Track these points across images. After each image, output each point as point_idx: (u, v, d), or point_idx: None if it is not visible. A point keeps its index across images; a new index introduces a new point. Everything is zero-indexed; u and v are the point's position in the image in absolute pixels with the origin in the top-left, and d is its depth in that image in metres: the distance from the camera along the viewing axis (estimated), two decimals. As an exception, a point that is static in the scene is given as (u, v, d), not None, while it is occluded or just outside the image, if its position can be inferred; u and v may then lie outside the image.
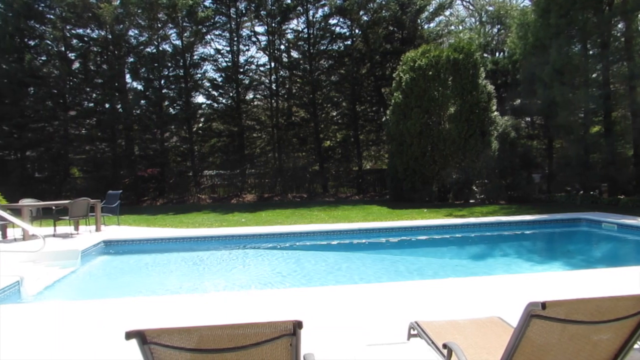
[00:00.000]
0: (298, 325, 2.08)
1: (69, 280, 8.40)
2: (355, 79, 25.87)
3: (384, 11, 25.47)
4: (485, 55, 26.78)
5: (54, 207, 12.53)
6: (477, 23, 31.66)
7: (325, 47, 26.57)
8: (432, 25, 27.12)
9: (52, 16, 24.90)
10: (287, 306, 5.45)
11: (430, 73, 18.46)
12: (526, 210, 14.93)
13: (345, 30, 26.70)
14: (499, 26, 29.29)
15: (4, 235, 11.56)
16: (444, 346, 2.62)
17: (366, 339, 4.19)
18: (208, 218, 16.25)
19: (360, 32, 26.37)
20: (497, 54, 28.00)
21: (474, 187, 19.30)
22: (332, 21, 26.50)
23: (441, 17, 28.06)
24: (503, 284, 6.27)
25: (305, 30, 26.42)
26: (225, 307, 5.49)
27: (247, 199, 24.24)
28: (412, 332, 3.26)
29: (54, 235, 11.55)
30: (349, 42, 26.50)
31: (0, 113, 23.33)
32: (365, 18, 26.07)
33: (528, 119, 24.76)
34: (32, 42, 25.14)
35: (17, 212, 11.08)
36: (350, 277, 8.38)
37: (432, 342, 2.96)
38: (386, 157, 24.70)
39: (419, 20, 25.86)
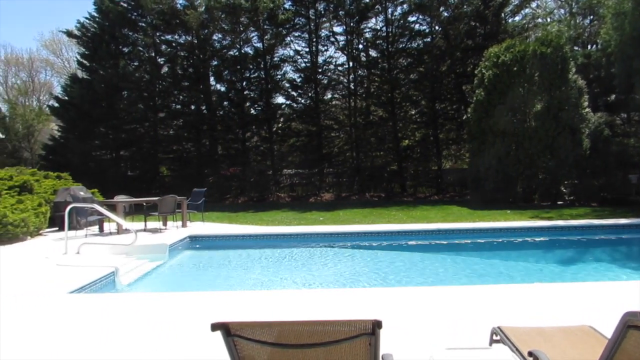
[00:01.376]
0: (377, 325, 2.07)
1: (157, 272, 8.89)
2: (435, 77, 25.30)
3: (465, 6, 24.71)
4: (575, 48, 25.23)
5: (144, 204, 13.31)
6: (567, 14, 29.89)
7: (404, 45, 26.22)
8: (517, 18, 25.97)
9: (143, 24, 26.45)
10: (364, 305, 5.45)
11: (515, 69, 17.69)
12: (621, 214, 13.91)
13: (424, 27, 26.21)
14: (591, 17, 27.50)
15: (101, 229, 12.44)
16: (530, 354, 2.50)
17: (446, 342, 4.10)
18: (287, 216, 16.56)
19: (440, 29, 25.77)
20: (589, 46, 26.31)
21: (562, 188, 18.27)
22: (411, 18, 26.08)
23: (527, 10, 26.79)
24: (594, 291, 5.88)
25: (384, 28, 26.21)
26: (303, 304, 5.57)
27: (324, 198, 24.46)
28: (495, 337, 3.15)
29: (144, 230, 12.27)
30: (428, 39, 25.98)
31: (98, 115, 25.13)
32: (446, 14, 25.43)
33: (624, 115, 23.05)
34: (125, 49, 26.84)
35: (112, 208, 11.87)
36: (428, 278, 8.23)
37: (517, 349, 2.84)
38: (467, 157, 23.95)
39: (502, 14, 24.85)
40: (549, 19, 27.96)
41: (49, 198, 12.89)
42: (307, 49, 26.73)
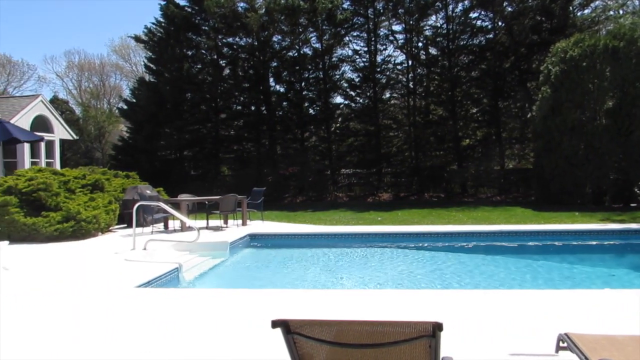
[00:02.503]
0: (438, 327, 2.04)
1: (219, 269, 9.14)
2: (498, 74, 24.54)
3: (530, 0, 23.84)
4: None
5: (206, 202, 13.71)
6: (642, 5, 28.20)
7: (465, 42, 25.60)
8: (586, 11, 24.73)
9: (206, 27, 27.24)
10: (423, 307, 5.37)
11: (584, 64, 16.87)
12: (703, 217, 12.98)
13: (487, 23, 25.47)
14: (669, 7, 25.82)
15: (166, 227, 12.93)
16: (600, 363, 2.38)
17: (508, 347, 3.98)
18: (345, 216, 16.58)
19: (503, 24, 24.97)
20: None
21: (636, 189, 17.24)
22: (473, 14, 25.42)
23: (597, 2, 25.49)
24: (672, 299, 5.52)
25: (444, 25, 25.71)
26: (361, 304, 5.56)
27: (383, 198, 24.30)
28: (562, 344, 3.02)
29: (206, 228, 12.64)
30: (490, 36, 25.24)
31: (163, 117, 26.13)
32: (510, 9, 24.61)
33: None
34: (189, 52, 27.74)
35: (176, 206, 12.30)
36: (490, 281, 8.00)
37: (585, 358, 2.71)
38: (532, 156, 23.08)
39: (570, 7, 23.76)
40: (621, 11, 26.46)
41: (118, 196, 13.53)
42: (366, 49, 26.63)
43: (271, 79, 27.42)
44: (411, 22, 25.73)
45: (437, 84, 26.52)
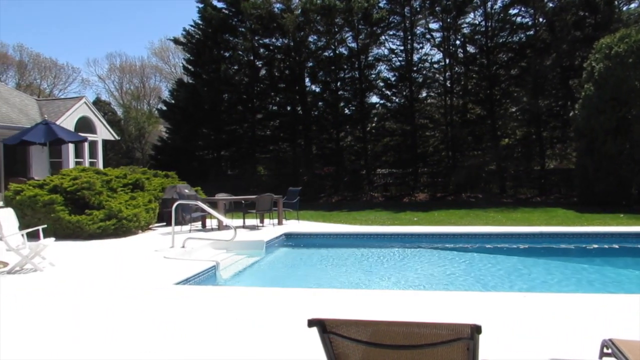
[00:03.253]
0: (477, 329, 2.00)
1: (255, 268, 9.24)
2: (538, 72, 23.92)
3: (573, -5, 23.17)
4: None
5: (243, 202, 13.86)
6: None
7: (504, 40, 25.08)
8: (632, 5, 23.85)
9: (243, 29, 27.56)
10: (460, 309, 5.29)
11: (630, 60, 16.26)
12: None
13: (527, 19, 24.89)
14: None
15: (204, 225, 13.15)
16: (648, 370, 2.29)
17: (549, 351, 3.87)
18: (380, 216, 16.49)
19: (544, 21, 24.35)
20: None
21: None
22: (513, 11, 24.88)
23: (645, -4, 24.57)
24: None
25: (483, 23, 25.25)
26: (397, 305, 5.52)
27: (419, 198, 24.06)
28: (606, 350, 2.92)
29: (243, 227, 12.79)
30: (531, 33, 24.64)
31: (201, 117, 26.61)
32: (551, 5, 23.97)
33: None
34: (226, 54, 28.13)
35: (213, 205, 12.49)
36: (530, 284, 7.81)
37: (631, 365, 2.61)
38: (574, 156, 22.42)
39: (616, 2, 22.96)
40: (671, 5, 25.40)
41: (157, 195, 13.84)
42: (402, 47, 26.42)
43: (307, 79, 27.55)
44: (448, 19, 25.37)
45: (475, 83, 26.08)
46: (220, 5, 27.69)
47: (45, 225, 9.30)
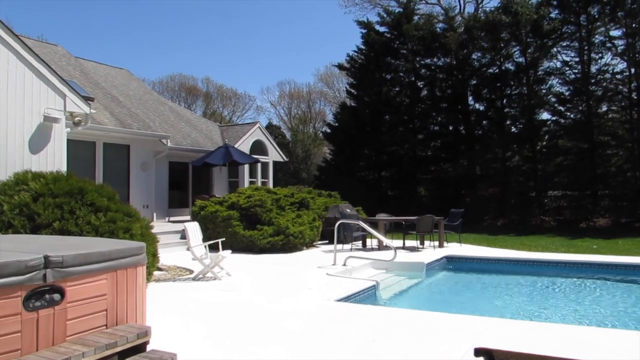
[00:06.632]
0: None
1: (415, 290, 9.10)
2: None
3: None
4: None
5: (403, 222, 13.81)
6: None
7: None
8: None
9: (404, 51, 27.82)
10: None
11: None
12: None
13: None
14: None
15: (364, 244, 13.37)
16: None
17: None
18: (552, 242, 15.18)
19: None
20: None
21: None
22: None
23: None
24: None
25: (679, 25, 22.13)
26: (568, 340, 4.98)
27: (598, 224, 21.61)
28: None
29: (402, 248, 12.72)
30: None
31: (363, 139, 27.30)
32: None
33: None
34: (388, 76, 28.61)
35: (374, 225, 12.65)
36: None
37: None
38: None
39: None
40: None
41: (321, 214, 14.46)
42: (577, 59, 24.24)
43: (470, 98, 26.73)
44: (634, 25, 22.66)
45: (668, 94, 22.83)
46: (382, 29, 28.36)
47: (224, 239, 10.27)
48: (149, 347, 3.76)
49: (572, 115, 24.73)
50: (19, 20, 52.21)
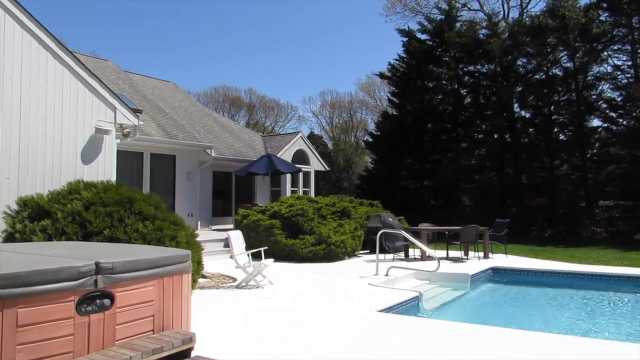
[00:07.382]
0: None
1: (459, 302, 8.90)
2: None
3: None
4: None
5: (446, 232, 13.57)
6: None
7: None
8: None
9: (447, 58, 27.49)
10: None
11: None
12: None
13: None
14: None
15: (406, 254, 13.20)
16: None
17: None
18: (605, 254, 14.58)
19: None
20: None
21: None
22: None
23: None
24: None
25: None
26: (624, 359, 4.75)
27: (655, 235, 20.64)
28: None
29: (446, 258, 12.49)
30: None
31: (405, 148, 27.07)
32: None
33: None
34: (430, 84, 28.33)
35: (416, 235, 12.48)
36: None
37: None
38: None
39: None
40: None
41: (363, 223, 14.38)
42: (630, 62, 23.35)
43: (515, 105, 26.09)
44: (692, 27, 21.68)
45: None
46: (423, 37, 28.16)
47: (266, 247, 10.36)
48: (193, 353, 3.82)
49: (624, 122, 23.77)
50: (71, 37, 54.73)
